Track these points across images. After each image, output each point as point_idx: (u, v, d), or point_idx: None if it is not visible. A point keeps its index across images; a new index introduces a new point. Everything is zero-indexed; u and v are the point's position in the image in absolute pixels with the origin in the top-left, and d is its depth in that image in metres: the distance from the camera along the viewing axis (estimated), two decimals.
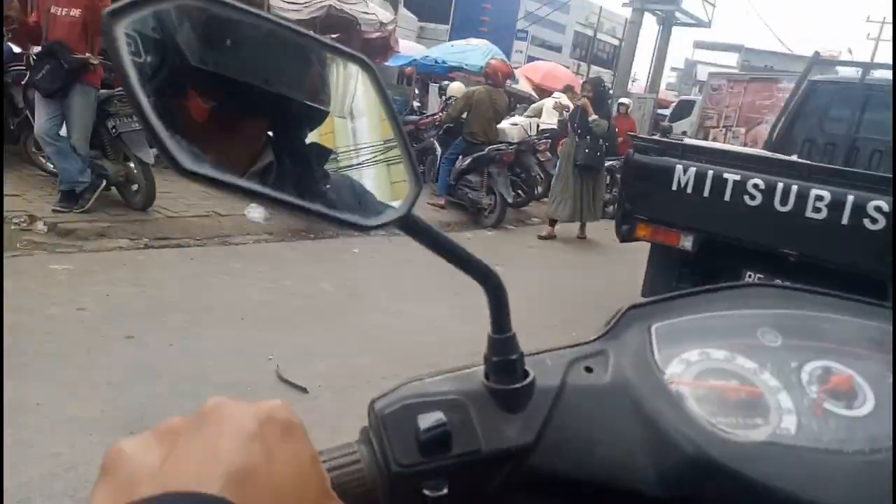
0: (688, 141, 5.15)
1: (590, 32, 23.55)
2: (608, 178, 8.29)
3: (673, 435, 0.35)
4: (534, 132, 8.37)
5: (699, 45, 24.27)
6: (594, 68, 21.75)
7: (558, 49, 21.46)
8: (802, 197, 3.27)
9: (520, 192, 7.41)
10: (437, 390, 0.38)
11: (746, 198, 3.46)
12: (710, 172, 3.59)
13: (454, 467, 0.36)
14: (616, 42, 23.13)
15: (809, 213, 3.26)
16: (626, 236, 4.06)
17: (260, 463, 0.25)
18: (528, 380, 0.39)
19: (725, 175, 3.55)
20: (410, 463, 0.35)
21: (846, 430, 0.34)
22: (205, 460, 0.24)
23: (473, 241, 5.87)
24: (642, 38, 15.09)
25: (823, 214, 3.21)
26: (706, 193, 3.61)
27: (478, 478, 0.37)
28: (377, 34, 9.61)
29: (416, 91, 12.14)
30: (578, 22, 25.48)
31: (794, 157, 4.91)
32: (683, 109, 15.92)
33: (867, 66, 4.84)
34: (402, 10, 19.89)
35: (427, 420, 0.36)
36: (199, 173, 0.27)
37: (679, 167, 3.70)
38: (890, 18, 30.13)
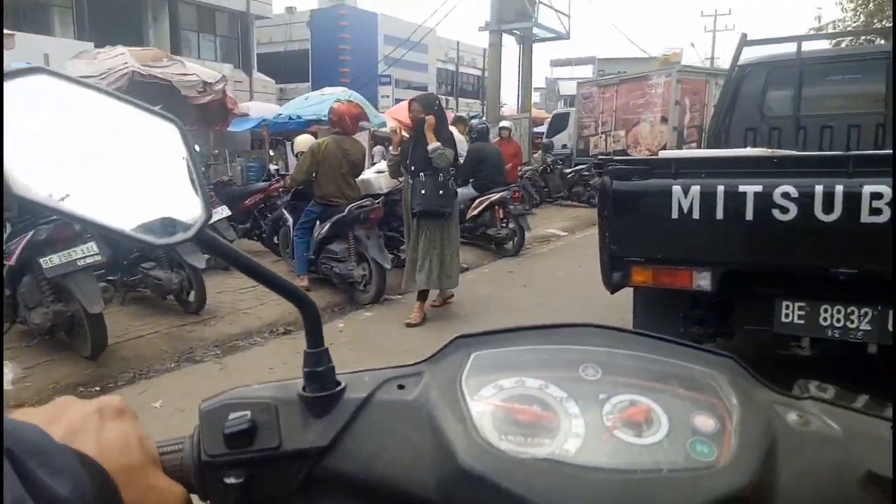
0: (676, 154, 4.36)
1: (452, 67, 23.56)
2: (500, 210, 7.55)
3: (453, 446, 0.37)
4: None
5: (556, 63, 25.06)
6: (462, 100, 21.62)
7: (424, 88, 21.14)
8: (852, 198, 2.51)
9: (399, 251, 5.79)
10: (256, 395, 0.42)
11: (776, 212, 2.65)
12: (721, 188, 2.76)
13: (255, 461, 0.40)
14: (478, 72, 23.23)
15: (866, 219, 2.50)
16: (618, 285, 3.13)
17: (92, 430, 0.37)
18: (337, 389, 0.42)
19: (742, 188, 2.73)
20: (216, 454, 0.40)
21: (626, 455, 0.36)
22: (54, 423, 0.36)
23: (346, 331, 4.60)
24: (505, 61, 14.86)
25: (886, 217, 2.46)
26: (720, 216, 2.77)
27: (277, 473, 0.40)
28: (209, 97, 8.34)
29: (272, 153, 11.05)
30: (439, 59, 25.55)
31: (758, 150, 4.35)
32: (560, 123, 15.94)
33: (800, 39, 4.36)
34: (257, 74, 18.76)
35: (234, 417, 0.40)
36: (27, 198, 0.34)
37: (677, 189, 2.84)
38: (720, 10, 33.31)
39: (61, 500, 0.30)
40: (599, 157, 13.88)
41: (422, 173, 4.56)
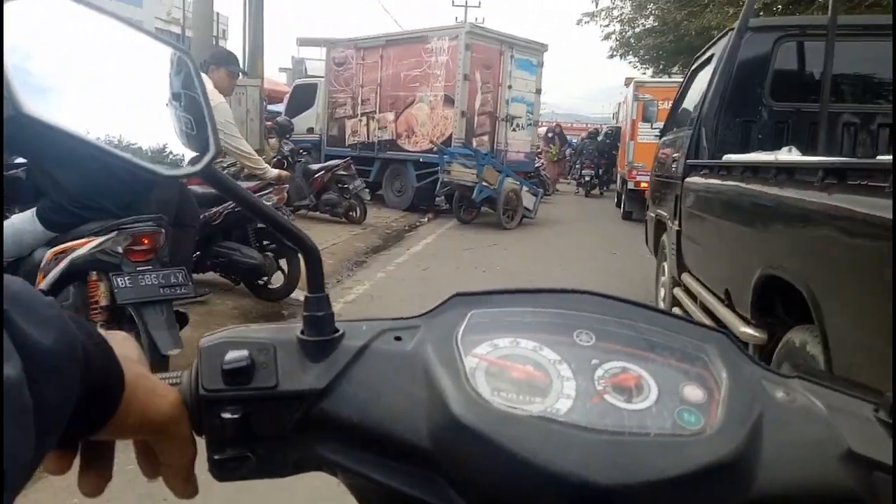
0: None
1: (175, 29, 18.44)
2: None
3: (446, 397, 0.38)
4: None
5: (304, 41, 21.81)
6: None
7: None
8: None
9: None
10: (255, 335, 0.43)
11: None
12: None
13: (252, 399, 0.40)
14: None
15: None
16: None
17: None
18: (335, 335, 0.43)
19: None
20: (214, 389, 0.40)
21: (615, 417, 0.37)
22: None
23: None
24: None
25: None
26: None
27: (273, 413, 0.41)
28: None
29: None
30: (159, 18, 20.23)
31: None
32: (304, 96, 12.54)
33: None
34: None
35: (233, 354, 0.41)
36: (35, 117, 0.33)
37: None
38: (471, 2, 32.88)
39: (45, 348, 0.30)
40: (361, 148, 11.62)
41: None
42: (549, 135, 17.08)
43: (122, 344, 0.39)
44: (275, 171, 4.30)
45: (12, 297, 0.29)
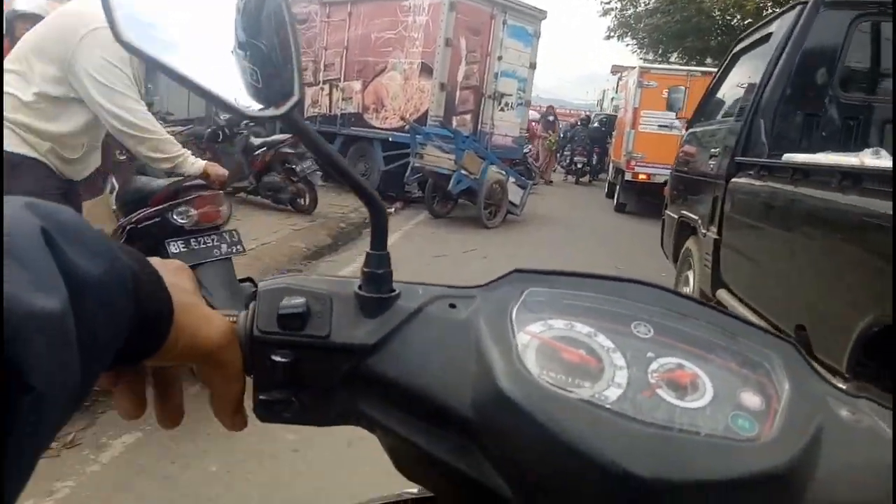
0: None
1: None
2: None
3: (494, 369, 0.37)
4: None
5: None
6: None
7: None
8: None
9: None
10: (314, 285, 0.43)
11: None
12: None
13: (303, 345, 0.41)
14: None
15: None
16: None
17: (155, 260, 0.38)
18: (392, 294, 0.43)
19: None
20: (267, 331, 0.41)
21: (666, 412, 0.36)
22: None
23: None
24: None
25: None
26: None
27: (322, 362, 0.41)
28: None
29: None
30: None
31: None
32: None
33: None
34: None
35: (290, 300, 0.41)
36: (132, 45, 0.36)
37: None
38: None
39: (93, 278, 0.29)
40: (322, 121, 10.42)
41: None
42: (550, 118, 16.25)
43: (176, 273, 0.40)
44: (199, 163, 2.48)
45: (60, 227, 0.29)
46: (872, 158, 2.47)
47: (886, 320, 1.72)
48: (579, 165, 15.79)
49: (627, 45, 17.76)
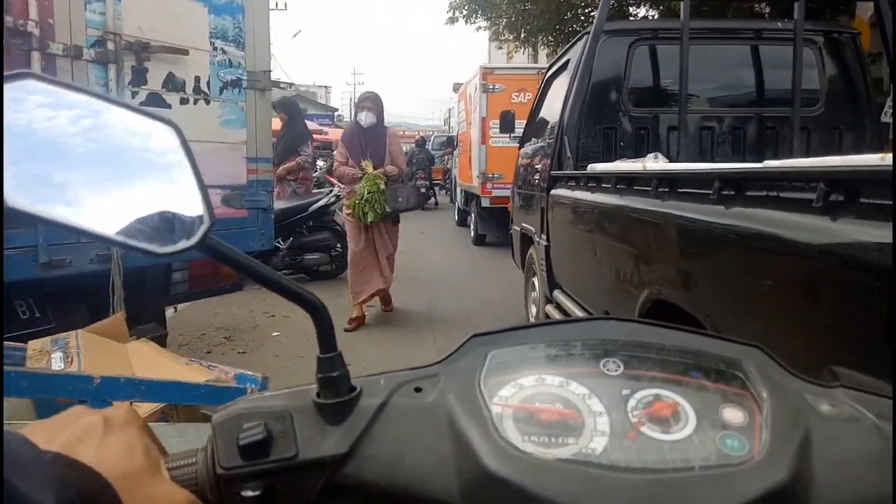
0: None
1: None
2: None
3: (475, 450, 0.37)
4: None
5: None
6: None
7: None
8: None
9: None
10: (269, 404, 0.42)
11: None
12: None
13: (272, 472, 0.39)
14: None
15: None
16: None
17: (95, 439, 0.37)
18: (352, 395, 0.42)
19: None
20: (231, 466, 0.39)
21: (655, 452, 0.36)
22: (59, 432, 0.37)
23: None
24: None
25: None
26: None
27: (295, 483, 0.40)
28: None
29: None
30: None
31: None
32: None
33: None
34: None
35: (249, 428, 0.40)
36: (25, 210, 0.34)
37: None
38: None
39: None
40: None
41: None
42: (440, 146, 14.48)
43: (127, 458, 0.38)
44: None
45: (14, 460, 0.29)
46: (652, 162, 2.93)
47: (657, 295, 2.08)
48: (423, 190, 13.85)
49: (479, 27, 13.58)
